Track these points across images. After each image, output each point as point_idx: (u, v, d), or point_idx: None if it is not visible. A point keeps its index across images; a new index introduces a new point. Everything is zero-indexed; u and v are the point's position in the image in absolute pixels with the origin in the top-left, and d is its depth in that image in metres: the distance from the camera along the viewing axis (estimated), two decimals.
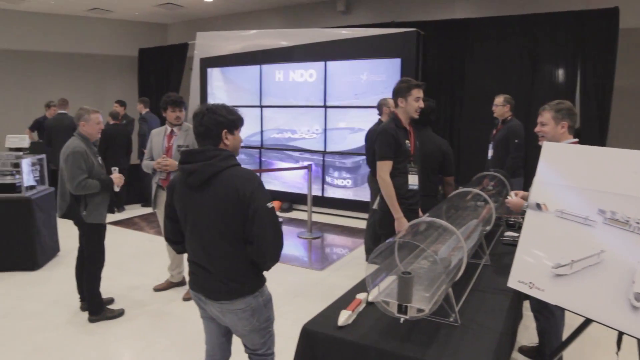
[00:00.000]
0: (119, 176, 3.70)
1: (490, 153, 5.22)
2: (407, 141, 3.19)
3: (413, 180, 3.21)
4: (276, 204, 7.65)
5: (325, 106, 7.44)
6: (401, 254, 2.18)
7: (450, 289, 1.94)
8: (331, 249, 6.00)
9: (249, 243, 1.98)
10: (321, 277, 4.84)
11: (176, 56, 10.59)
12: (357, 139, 7.12)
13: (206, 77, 8.66)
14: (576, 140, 2.74)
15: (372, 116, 5.56)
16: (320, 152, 7.61)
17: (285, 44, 7.80)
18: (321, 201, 7.54)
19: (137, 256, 5.46)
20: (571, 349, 2.23)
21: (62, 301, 4.12)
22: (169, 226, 2.17)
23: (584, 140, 3.04)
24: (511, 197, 2.85)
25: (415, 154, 3.26)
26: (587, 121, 6.32)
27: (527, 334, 3.45)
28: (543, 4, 6.76)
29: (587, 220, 1.81)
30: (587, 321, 1.82)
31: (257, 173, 2.40)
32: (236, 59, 8.24)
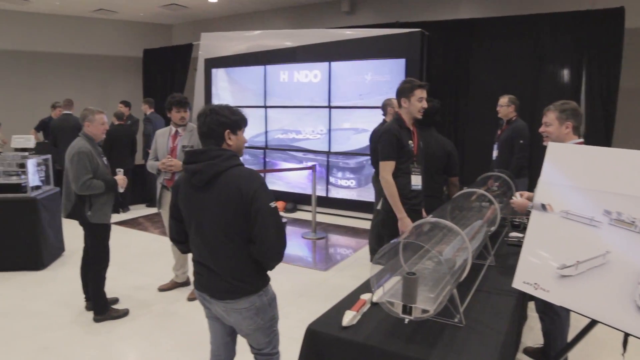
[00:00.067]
0: (122, 178, 3.72)
1: (495, 153, 5.21)
2: (410, 141, 3.18)
3: (416, 180, 3.21)
4: (280, 204, 7.66)
5: (330, 106, 7.44)
6: (406, 255, 2.17)
7: (454, 290, 1.93)
8: (335, 249, 6.00)
9: (252, 242, 1.99)
10: (325, 278, 4.84)
11: (181, 57, 10.62)
12: (361, 139, 7.12)
13: (210, 77, 8.67)
14: (581, 140, 2.73)
15: (376, 117, 5.55)
16: (324, 153, 7.61)
17: (290, 44, 7.80)
18: (325, 201, 7.54)
19: (142, 256, 5.48)
20: (576, 350, 2.22)
21: (67, 301, 4.14)
22: (174, 226, 2.18)
23: (589, 141, 3.03)
24: (516, 198, 2.85)
25: (419, 154, 3.25)
26: (593, 122, 6.30)
27: (532, 335, 3.44)
28: (548, 4, 6.73)
29: (592, 221, 1.80)
30: (593, 322, 1.81)
31: (261, 173, 2.41)
32: (240, 60, 8.25)
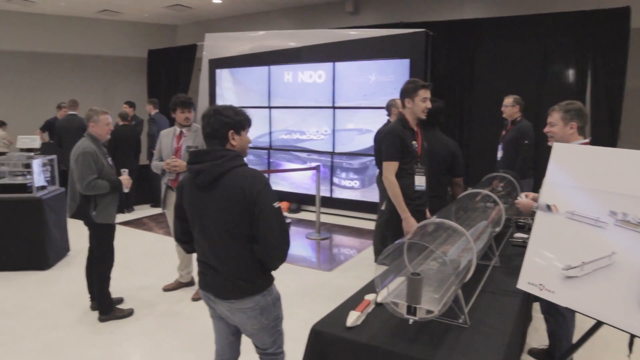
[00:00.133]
0: (127, 178, 3.73)
1: (500, 154, 5.20)
2: (414, 142, 3.17)
3: (420, 181, 3.20)
4: (284, 204, 7.66)
5: (334, 107, 7.44)
6: (410, 255, 2.17)
7: (459, 291, 1.93)
8: (339, 249, 6.00)
9: (255, 242, 1.99)
10: (329, 278, 4.84)
11: (185, 57, 10.65)
12: (365, 140, 7.12)
13: (215, 78, 8.68)
14: (587, 141, 2.71)
15: (380, 117, 5.54)
16: (328, 153, 7.60)
17: (294, 44, 7.80)
18: (329, 202, 7.53)
19: (146, 256, 5.49)
20: (582, 351, 2.21)
21: (72, 300, 4.15)
22: (179, 226, 2.19)
23: (594, 141, 3.02)
24: (521, 199, 2.84)
25: (423, 154, 3.24)
26: (598, 122, 6.27)
27: (537, 336, 3.43)
28: (553, 3, 6.71)
29: (598, 221, 1.79)
30: (598, 323, 1.80)
31: (265, 174, 2.41)
32: (245, 60, 8.25)
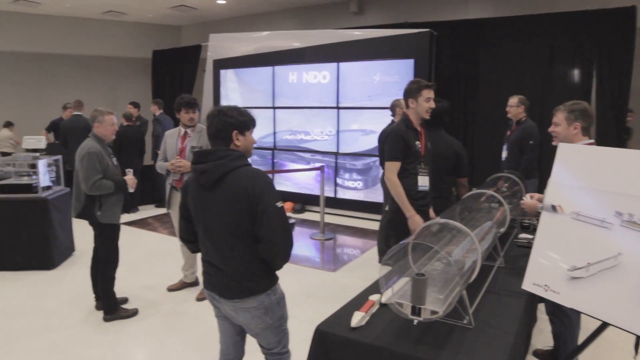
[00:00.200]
0: (132, 178, 3.74)
1: (505, 154, 5.18)
2: (417, 142, 3.16)
3: (423, 181, 3.19)
4: (288, 205, 7.67)
5: (338, 107, 7.44)
6: (414, 256, 2.16)
7: (464, 291, 1.93)
8: (343, 250, 5.99)
9: (259, 242, 2.00)
10: (333, 278, 4.84)
11: (189, 58, 10.67)
12: (369, 140, 7.11)
13: (219, 78, 8.70)
14: (592, 141, 2.70)
15: (385, 117, 5.54)
16: (332, 154, 7.60)
17: (298, 45, 7.81)
18: (333, 202, 7.53)
19: (151, 256, 5.51)
20: (587, 352, 2.19)
21: (77, 300, 4.17)
22: (184, 226, 2.20)
23: (599, 141, 3.00)
24: (526, 199, 2.83)
25: (426, 155, 3.24)
26: (604, 122, 6.23)
27: (542, 337, 3.41)
28: (558, 3, 6.68)
29: (603, 222, 1.79)
30: (604, 325, 1.79)
31: (269, 174, 2.41)
32: (249, 61, 8.27)
